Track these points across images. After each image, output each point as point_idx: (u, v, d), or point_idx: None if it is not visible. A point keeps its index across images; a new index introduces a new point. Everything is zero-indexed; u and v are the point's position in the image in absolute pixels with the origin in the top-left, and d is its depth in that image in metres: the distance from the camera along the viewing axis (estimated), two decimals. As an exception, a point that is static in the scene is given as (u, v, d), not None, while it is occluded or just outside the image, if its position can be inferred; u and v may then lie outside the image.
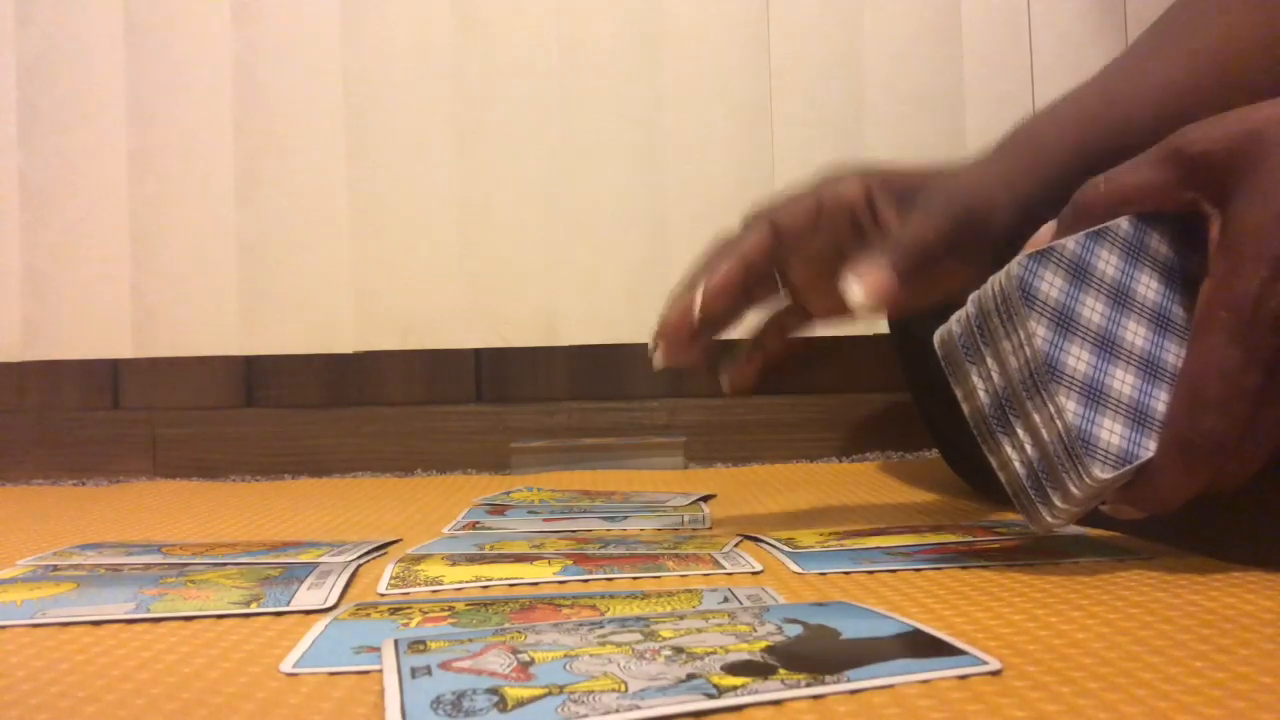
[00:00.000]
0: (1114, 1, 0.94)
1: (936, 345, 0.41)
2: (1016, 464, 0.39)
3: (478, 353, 0.96)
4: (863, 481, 0.78)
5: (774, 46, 0.94)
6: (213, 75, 0.95)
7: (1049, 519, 0.39)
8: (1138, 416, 0.38)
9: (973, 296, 0.40)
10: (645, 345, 0.51)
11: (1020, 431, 0.39)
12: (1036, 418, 0.38)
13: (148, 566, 0.49)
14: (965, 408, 0.41)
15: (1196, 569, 0.41)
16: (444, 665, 0.29)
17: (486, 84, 0.95)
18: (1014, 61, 0.94)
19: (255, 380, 0.96)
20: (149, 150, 0.95)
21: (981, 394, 0.40)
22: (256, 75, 0.95)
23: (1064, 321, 0.38)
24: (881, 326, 0.80)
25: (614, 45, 0.94)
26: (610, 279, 0.94)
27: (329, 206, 0.95)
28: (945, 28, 0.94)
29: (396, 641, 0.32)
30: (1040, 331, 0.38)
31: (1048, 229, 0.42)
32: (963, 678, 0.29)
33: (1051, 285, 0.38)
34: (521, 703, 0.26)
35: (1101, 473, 0.37)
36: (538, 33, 0.94)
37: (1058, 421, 0.38)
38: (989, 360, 0.40)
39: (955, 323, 0.41)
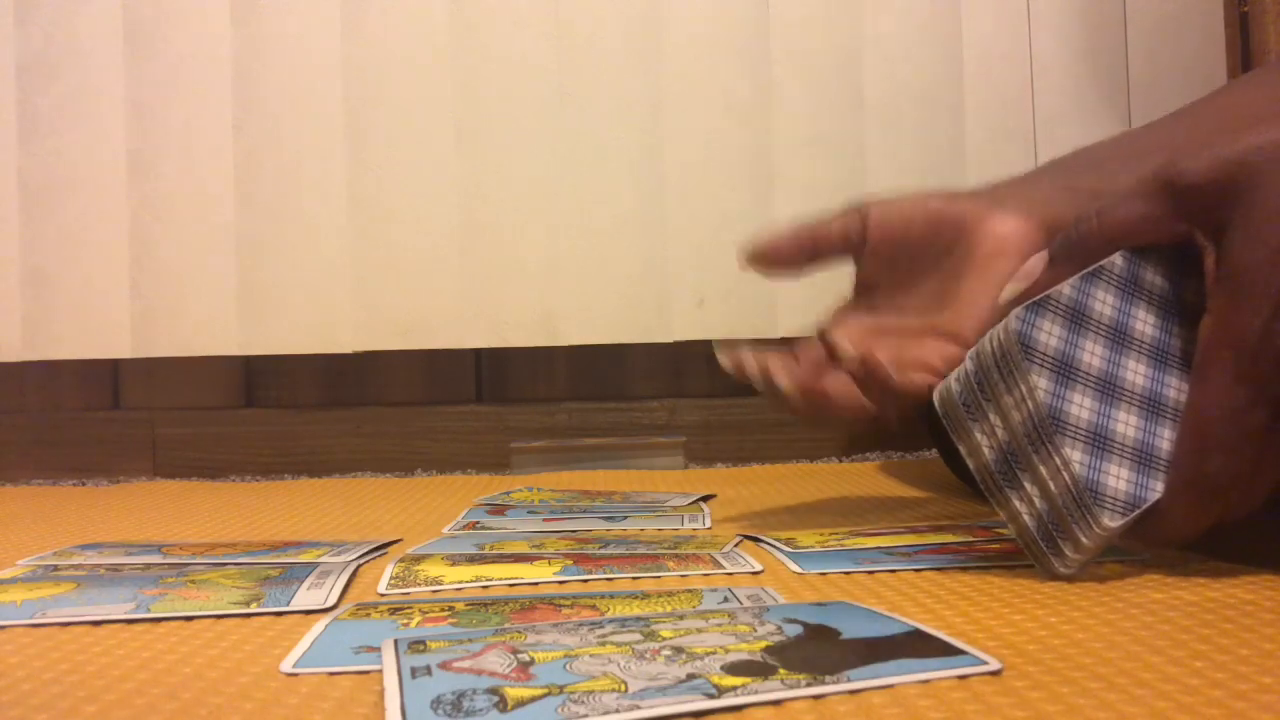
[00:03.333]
0: (1114, 1, 0.94)
1: (936, 403, 0.41)
2: (1025, 517, 0.39)
3: (478, 353, 0.96)
4: (863, 481, 0.78)
5: (774, 46, 0.94)
6: (212, 75, 0.95)
7: (1061, 569, 0.39)
8: (1143, 458, 0.38)
9: (971, 353, 0.40)
10: (645, 345, 0.51)
11: (1028, 485, 0.39)
12: (1043, 470, 0.38)
13: (148, 566, 0.49)
14: (970, 463, 0.40)
15: (1196, 569, 0.41)
16: (444, 665, 0.29)
17: (486, 84, 0.94)
18: (1014, 61, 0.94)
19: (255, 380, 0.96)
20: (149, 150, 0.95)
21: (986, 450, 0.39)
22: (256, 75, 0.95)
23: (1064, 370, 0.38)
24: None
25: (614, 44, 0.94)
26: (610, 279, 0.94)
27: (328, 206, 0.95)
28: (945, 28, 0.94)
29: (396, 641, 0.32)
30: (1042, 384, 0.37)
31: (1037, 259, 0.41)
32: (963, 678, 0.29)
33: (1050, 334, 0.38)
34: (521, 703, 0.26)
35: (1111, 521, 0.37)
36: (538, 32, 0.94)
37: (1065, 474, 0.37)
38: (992, 416, 0.39)
39: (954, 380, 0.40)
